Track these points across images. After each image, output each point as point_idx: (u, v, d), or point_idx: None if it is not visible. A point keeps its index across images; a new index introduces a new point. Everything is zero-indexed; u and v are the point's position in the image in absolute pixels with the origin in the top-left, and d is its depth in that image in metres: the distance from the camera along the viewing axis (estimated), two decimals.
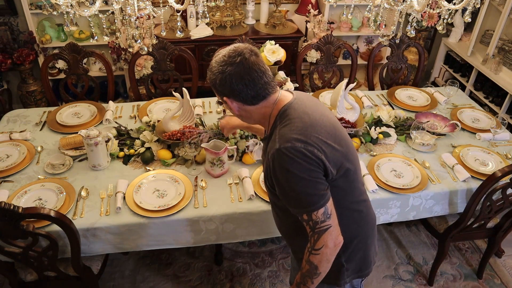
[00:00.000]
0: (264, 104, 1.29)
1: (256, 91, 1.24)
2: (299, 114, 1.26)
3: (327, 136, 1.24)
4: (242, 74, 1.21)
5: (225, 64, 1.22)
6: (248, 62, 1.21)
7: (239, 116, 1.36)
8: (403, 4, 1.75)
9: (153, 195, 1.86)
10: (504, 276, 2.54)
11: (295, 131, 1.21)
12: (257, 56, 1.24)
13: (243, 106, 1.29)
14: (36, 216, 1.52)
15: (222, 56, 1.24)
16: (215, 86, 1.28)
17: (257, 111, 1.31)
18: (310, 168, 1.18)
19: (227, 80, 1.22)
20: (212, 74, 1.26)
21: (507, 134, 2.39)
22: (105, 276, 2.39)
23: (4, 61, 3.33)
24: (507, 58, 3.46)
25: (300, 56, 2.95)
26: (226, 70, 1.22)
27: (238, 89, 1.23)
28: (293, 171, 1.18)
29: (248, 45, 1.27)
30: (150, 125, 2.22)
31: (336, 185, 1.27)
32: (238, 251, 2.60)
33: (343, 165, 1.26)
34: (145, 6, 1.55)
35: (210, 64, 1.28)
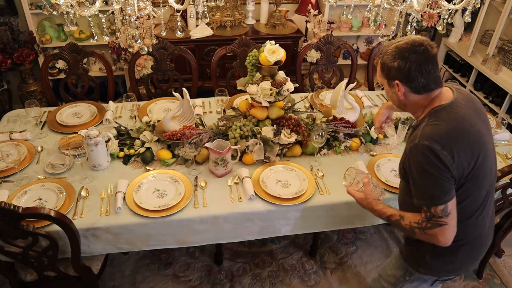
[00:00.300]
0: (426, 96, 1.36)
1: (428, 81, 1.33)
2: (448, 118, 1.32)
3: (466, 148, 1.29)
4: (422, 63, 1.30)
5: (408, 51, 1.30)
6: (429, 53, 1.30)
7: (398, 101, 1.42)
8: (403, 4, 1.75)
9: (153, 195, 1.86)
10: (504, 276, 2.54)
11: (437, 133, 1.29)
12: (434, 49, 1.32)
13: (409, 93, 1.36)
14: (36, 216, 1.52)
15: (404, 43, 1.32)
16: (389, 70, 1.35)
17: (417, 101, 1.38)
18: (439, 167, 1.26)
19: (407, 66, 1.30)
20: (390, 58, 1.33)
21: (507, 134, 2.39)
22: (105, 276, 2.39)
23: (4, 61, 3.33)
24: (507, 58, 3.46)
25: (300, 56, 2.95)
26: (409, 57, 1.30)
27: (414, 76, 1.31)
28: (424, 166, 1.28)
29: (427, 38, 1.34)
30: (150, 125, 2.22)
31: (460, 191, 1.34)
32: (238, 251, 2.60)
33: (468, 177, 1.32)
34: (145, 6, 1.55)
35: (385, 49, 1.36)
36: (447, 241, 1.33)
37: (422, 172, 1.30)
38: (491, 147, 1.40)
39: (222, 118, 2.20)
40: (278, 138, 2.03)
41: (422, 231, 1.34)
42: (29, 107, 2.16)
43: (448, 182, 1.28)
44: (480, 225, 1.43)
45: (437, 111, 1.34)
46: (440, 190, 1.28)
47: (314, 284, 2.43)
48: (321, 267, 2.53)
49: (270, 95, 1.99)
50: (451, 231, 1.31)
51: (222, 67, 3.64)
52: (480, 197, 1.38)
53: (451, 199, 1.29)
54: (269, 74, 2.07)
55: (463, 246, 1.43)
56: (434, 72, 1.32)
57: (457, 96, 1.38)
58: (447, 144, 1.27)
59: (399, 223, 1.42)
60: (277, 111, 2.08)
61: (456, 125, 1.31)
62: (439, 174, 1.27)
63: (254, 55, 2.09)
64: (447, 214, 1.29)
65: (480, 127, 1.35)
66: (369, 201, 1.52)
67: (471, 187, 1.34)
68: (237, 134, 2.03)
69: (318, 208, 1.88)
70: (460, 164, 1.28)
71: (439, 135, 1.28)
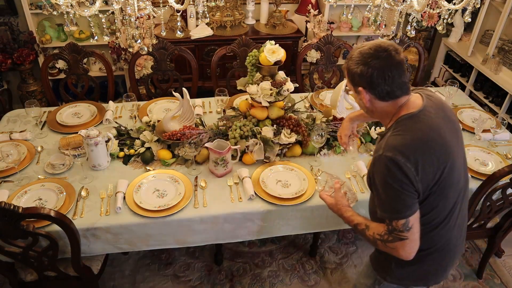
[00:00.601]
0: (392, 103, 1.32)
1: (392, 88, 1.28)
2: (414, 128, 1.27)
3: (431, 160, 1.25)
4: (384, 69, 1.25)
5: (370, 57, 1.26)
6: (392, 59, 1.25)
7: (365, 108, 1.39)
8: (403, 4, 1.75)
9: (153, 195, 1.86)
10: (504, 276, 2.54)
11: (402, 144, 1.25)
12: (400, 54, 1.27)
13: (374, 99, 1.32)
14: (36, 216, 1.52)
15: (367, 49, 1.27)
16: (353, 76, 1.31)
17: (383, 108, 1.34)
18: (402, 180, 1.23)
19: (369, 72, 1.26)
20: (353, 64, 1.29)
21: (507, 134, 2.39)
22: (105, 276, 2.39)
23: (4, 61, 3.33)
24: (507, 58, 3.46)
25: (300, 56, 2.95)
26: (371, 63, 1.25)
27: (376, 83, 1.27)
28: (387, 179, 1.24)
29: (393, 42, 1.30)
30: (150, 125, 2.22)
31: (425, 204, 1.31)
32: (238, 251, 2.60)
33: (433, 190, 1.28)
34: (145, 6, 1.55)
35: (351, 54, 1.31)
36: (408, 255, 1.30)
37: (385, 184, 1.26)
38: (460, 157, 1.35)
39: (222, 118, 2.20)
40: (278, 138, 2.03)
41: (383, 243, 1.32)
42: (29, 107, 2.17)
43: (411, 196, 1.24)
44: (447, 234, 1.39)
45: (404, 120, 1.30)
46: (402, 205, 1.25)
47: (314, 284, 2.43)
48: (321, 267, 2.53)
49: (270, 95, 1.99)
50: (412, 245, 1.28)
51: (222, 67, 3.64)
52: (447, 208, 1.34)
53: (413, 213, 1.26)
54: (269, 74, 2.07)
55: (430, 255, 1.40)
56: (398, 79, 1.27)
57: (426, 103, 1.33)
58: (412, 155, 1.22)
59: (364, 232, 1.39)
60: (277, 111, 2.08)
61: (422, 136, 1.26)
62: (401, 188, 1.23)
63: (254, 55, 2.09)
64: (408, 229, 1.26)
65: (448, 137, 1.30)
66: (339, 207, 1.49)
67: (437, 199, 1.30)
68: (237, 134, 2.03)
69: (318, 208, 1.88)
70: (424, 177, 1.24)
71: (403, 146, 1.24)
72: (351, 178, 2.02)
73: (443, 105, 1.38)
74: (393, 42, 1.29)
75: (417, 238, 1.28)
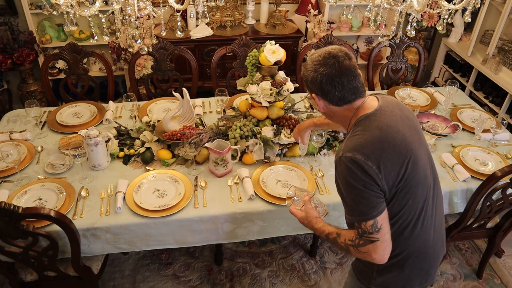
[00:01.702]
0: (348, 107, 1.33)
1: (343, 94, 1.29)
2: (371, 127, 1.27)
3: (392, 156, 1.24)
4: (333, 76, 1.26)
5: (319, 64, 1.28)
6: (340, 66, 1.26)
7: (324, 113, 1.42)
8: (403, 4, 1.75)
9: (153, 195, 1.86)
10: (504, 276, 2.54)
11: (360, 143, 1.24)
12: (350, 60, 1.28)
13: (329, 105, 1.34)
14: (36, 216, 1.52)
15: (317, 56, 1.30)
16: (306, 82, 1.34)
17: (340, 113, 1.35)
18: (364, 180, 1.22)
19: (318, 79, 1.28)
20: (305, 71, 1.33)
21: (507, 134, 2.39)
22: (105, 276, 2.39)
23: (4, 61, 3.33)
24: (507, 58, 3.46)
25: (300, 56, 2.95)
26: (319, 70, 1.27)
27: (326, 89, 1.29)
28: (349, 180, 1.23)
29: (344, 48, 1.30)
30: (150, 125, 2.22)
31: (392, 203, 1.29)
32: (238, 251, 2.60)
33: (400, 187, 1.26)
34: (145, 6, 1.55)
35: (306, 61, 1.35)
36: (381, 258, 1.26)
37: (347, 186, 1.24)
38: (423, 154, 1.34)
39: (222, 118, 2.20)
40: (278, 138, 2.03)
41: (355, 248, 1.28)
42: (29, 107, 2.17)
43: (375, 195, 1.23)
44: (422, 235, 1.36)
45: (361, 121, 1.30)
46: (367, 205, 1.23)
47: (314, 284, 2.43)
48: (321, 267, 2.53)
49: (270, 95, 1.99)
50: (384, 247, 1.25)
51: (222, 67, 3.64)
52: (417, 206, 1.32)
53: (381, 213, 1.23)
54: (269, 74, 2.07)
55: (409, 259, 1.38)
56: (349, 84, 1.27)
57: (382, 103, 1.33)
58: (372, 154, 1.22)
59: (336, 241, 1.35)
60: (277, 111, 2.08)
61: (380, 134, 1.25)
62: (364, 188, 1.22)
63: (254, 55, 2.09)
64: (377, 230, 1.23)
65: (408, 133, 1.30)
66: (309, 219, 1.46)
67: (405, 196, 1.28)
68: (237, 134, 2.03)
69: None
70: (388, 174, 1.22)
71: (362, 146, 1.23)
72: None
73: (399, 104, 1.40)
74: (344, 48, 1.30)
75: (388, 239, 1.26)
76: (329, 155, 2.16)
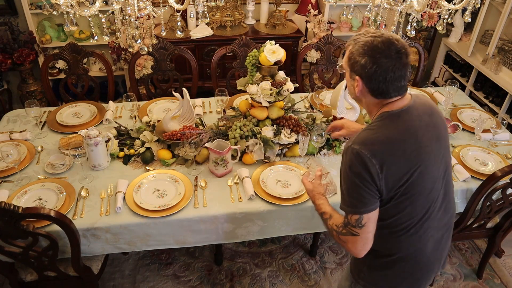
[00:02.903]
0: (381, 101, 1.27)
1: (388, 89, 1.23)
2: (389, 127, 1.24)
3: (399, 161, 1.21)
4: (388, 70, 1.19)
5: (379, 52, 1.19)
6: (400, 62, 1.20)
7: (354, 95, 1.33)
8: (403, 4, 1.75)
9: (153, 195, 1.86)
10: (504, 276, 2.54)
11: (371, 139, 1.22)
12: (407, 57, 1.21)
13: (367, 93, 1.27)
14: (36, 216, 1.52)
15: (380, 42, 1.19)
16: (355, 63, 1.24)
17: (371, 102, 1.30)
18: (363, 176, 1.20)
19: (372, 68, 1.20)
20: (359, 52, 1.22)
21: (507, 134, 2.39)
22: (105, 276, 2.39)
23: (4, 61, 3.33)
24: (507, 58, 3.46)
25: (300, 56, 2.95)
26: (378, 59, 1.19)
27: (375, 79, 1.22)
28: (348, 171, 1.23)
29: (405, 42, 1.23)
30: (150, 125, 2.22)
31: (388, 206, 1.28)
32: (238, 251, 2.60)
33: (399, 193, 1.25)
34: (145, 6, 1.55)
35: (360, 38, 1.23)
36: (357, 252, 1.27)
37: (346, 176, 1.24)
38: (436, 166, 1.29)
39: (222, 118, 2.20)
40: (278, 138, 2.03)
41: (337, 234, 1.30)
42: (29, 107, 2.16)
43: (370, 194, 1.21)
44: (418, 244, 1.35)
45: (382, 116, 1.26)
46: (358, 200, 1.22)
47: (314, 284, 2.43)
48: (321, 267, 2.53)
49: (270, 95, 1.99)
50: (362, 244, 1.25)
51: (222, 67, 3.64)
52: (415, 215, 1.30)
53: (370, 212, 1.22)
54: (269, 74, 2.07)
55: (400, 262, 1.38)
56: (398, 82, 1.22)
57: (412, 105, 1.28)
58: (379, 152, 1.19)
59: (326, 222, 1.36)
60: (277, 111, 2.08)
61: (394, 135, 1.22)
62: (361, 183, 1.21)
63: (254, 55, 2.09)
64: (360, 226, 1.23)
65: (426, 142, 1.25)
66: (314, 193, 1.47)
67: (403, 203, 1.26)
68: (237, 134, 2.03)
69: None
70: (389, 177, 1.20)
71: (372, 142, 1.21)
72: None
73: (432, 109, 1.33)
74: (406, 43, 1.23)
75: (369, 238, 1.25)
76: (329, 155, 2.16)
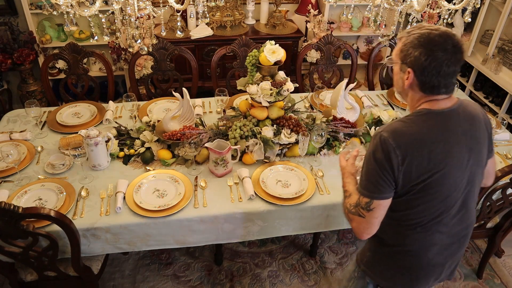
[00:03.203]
0: (427, 97, 1.25)
1: (439, 84, 1.21)
2: (422, 125, 1.23)
3: (422, 160, 1.21)
4: (443, 63, 1.17)
5: (436, 44, 1.17)
6: (456, 57, 1.18)
7: (401, 88, 1.31)
8: (403, 4, 1.75)
9: (153, 195, 1.86)
10: (504, 276, 2.54)
11: (402, 131, 1.22)
12: (462, 54, 1.19)
13: (415, 86, 1.25)
14: (36, 216, 1.52)
15: (438, 35, 1.17)
16: (408, 55, 1.21)
17: (416, 98, 1.28)
18: (384, 164, 1.22)
19: (427, 59, 1.18)
20: (415, 43, 1.19)
21: (507, 134, 2.39)
22: (105, 276, 2.39)
23: (4, 61, 3.33)
24: (507, 58, 3.46)
25: (300, 56, 2.95)
26: (435, 51, 1.17)
27: (429, 72, 1.19)
28: (372, 155, 1.25)
29: (460, 38, 1.22)
30: (150, 125, 2.22)
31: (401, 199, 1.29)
32: (238, 251, 2.60)
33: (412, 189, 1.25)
34: (145, 6, 1.55)
35: (415, 30, 1.21)
36: (359, 233, 1.30)
37: (368, 159, 1.26)
38: (460, 175, 1.27)
39: (222, 118, 2.20)
40: (278, 138, 2.03)
41: (347, 212, 1.34)
42: (29, 107, 2.16)
43: (386, 182, 1.23)
44: (423, 243, 1.36)
45: (421, 112, 1.24)
46: (373, 185, 1.24)
47: (314, 284, 2.43)
48: (321, 267, 2.53)
49: (270, 95, 1.99)
50: (367, 227, 1.28)
51: (222, 67, 3.64)
52: (426, 215, 1.30)
53: (381, 199, 1.24)
54: (269, 74, 2.07)
55: (401, 255, 1.39)
56: (450, 78, 1.19)
57: (454, 109, 1.25)
58: (404, 146, 1.19)
59: (344, 199, 1.39)
60: (277, 111, 2.08)
61: (424, 134, 1.21)
62: (380, 170, 1.22)
63: (254, 55, 2.09)
64: (368, 209, 1.26)
65: (454, 149, 1.23)
66: (345, 171, 1.48)
67: (416, 201, 1.27)
68: (237, 134, 2.03)
69: (318, 208, 1.88)
70: (408, 171, 1.21)
71: (401, 134, 1.21)
72: None
73: (474, 120, 1.30)
74: (461, 38, 1.23)
75: (374, 223, 1.27)
76: (329, 155, 2.16)
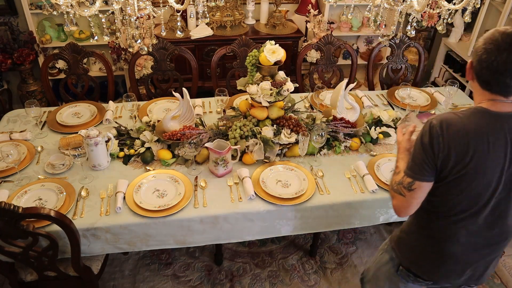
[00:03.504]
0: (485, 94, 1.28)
1: (490, 80, 1.24)
2: (473, 120, 1.26)
3: (462, 153, 1.24)
4: (493, 58, 1.20)
5: (493, 39, 1.20)
6: (510, 56, 1.19)
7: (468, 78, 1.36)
8: (403, 4, 1.75)
9: (153, 195, 1.86)
10: (504, 276, 2.54)
11: (451, 121, 1.26)
12: None
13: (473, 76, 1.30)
14: (36, 216, 1.52)
15: (501, 33, 1.20)
16: (475, 45, 1.26)
17: (476, 91, 1.32)
18: (427, 148, 1.28)
19: (481, 51, 1.22)
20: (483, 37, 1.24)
21: None
22: (105, 276, 2.39)
23: (4, 61, 3.33)
24: None
25: (300, 56, 2.95)
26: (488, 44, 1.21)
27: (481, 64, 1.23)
28: (420, 138, 1.31)
29: None
30: (150, 125, 2.22)
31: None
32: (238, 251, 2.60)
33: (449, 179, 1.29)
34: (145, 6, 1.55)
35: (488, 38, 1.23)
36: (397, 210, 1.38)
37: (417, 142, 1.32)
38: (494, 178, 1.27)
39: (222, 118, 2.20)
40: (278, 138, 2.03)
41: (391, 188, 1.41)
42: (29, 107, 2.16)
43: (428, 166, 1.29)
44: (446, 233, 1.39)
45: (476, 109, 1.28)
46: (417, 166, 1.30)
47: (314, 284, 2.43)
48: (321, 267, 2.53)
49: (270, 95, 1.99)
50: (406, 206, 1.35)
51: (222, 67, 3.64)
52: (452, 208, 1.34)
53: (422, 181, 1.30)
54: (269, 74, 2.07)
55: (428, 238, 1.44)
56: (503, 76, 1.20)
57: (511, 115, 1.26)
58: (449, 135, 1.24)
59: (393, 175, 1.45)
60: (277, 111, 2.08)
61: (473, 131, 1.24)
62: (424, 153, 1.28)
63: (254, 55, 2.09)
64: (409, 189, 1.32)
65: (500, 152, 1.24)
66: (399, 146, 1.53)
67: (448, 190, 1.31)
68: (237, 134, 2.03)
69: (318, 208, 1.89)
70: (446, 160, 1.26)
71: (449, 124, 1.25)
72: (351, 178, 2.02)
73: None
74: None
75: (413, 203, 1.34)
76: (329, 155, 2.16)
